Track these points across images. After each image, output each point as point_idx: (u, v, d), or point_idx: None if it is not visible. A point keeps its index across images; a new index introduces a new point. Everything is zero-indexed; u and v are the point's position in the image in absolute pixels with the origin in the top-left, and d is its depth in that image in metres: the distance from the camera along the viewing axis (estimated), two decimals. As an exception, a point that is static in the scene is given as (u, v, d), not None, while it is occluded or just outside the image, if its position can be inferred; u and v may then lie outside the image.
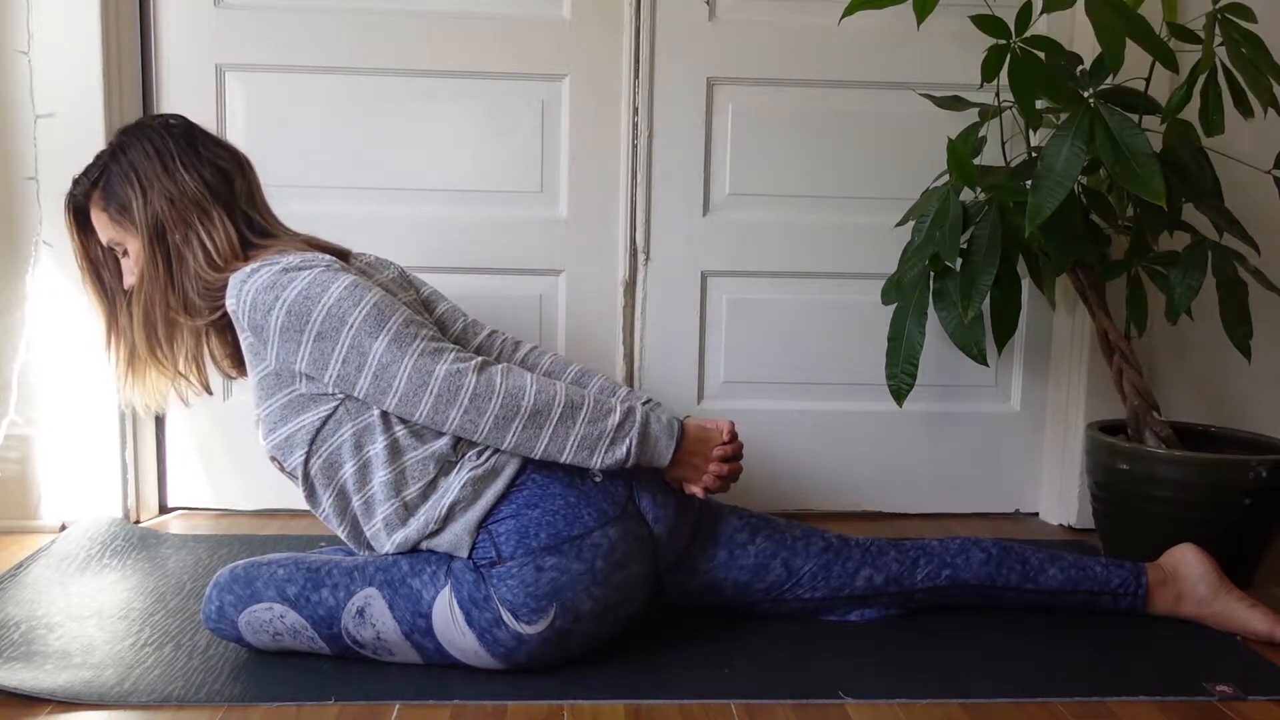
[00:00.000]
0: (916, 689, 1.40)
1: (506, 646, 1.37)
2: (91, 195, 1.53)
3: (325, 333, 1.37)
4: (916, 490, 2.25)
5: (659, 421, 1.43)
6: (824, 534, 1.63)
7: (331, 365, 1.38)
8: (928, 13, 1.72)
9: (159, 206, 1.48)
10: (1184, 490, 1.77)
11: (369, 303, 1.39)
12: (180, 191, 1.49)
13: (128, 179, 1.49)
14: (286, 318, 1.38)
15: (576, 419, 1.38)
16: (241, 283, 1.41)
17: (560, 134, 2.12)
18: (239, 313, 1.42)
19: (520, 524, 1.39)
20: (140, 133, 1.53)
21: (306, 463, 1.43)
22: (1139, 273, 1.89)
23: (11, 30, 1.91)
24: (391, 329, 1.38)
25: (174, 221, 1.48)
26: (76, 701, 1.31)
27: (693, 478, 1.47)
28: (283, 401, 1.43)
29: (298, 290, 1.38)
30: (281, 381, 1.42)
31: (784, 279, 2.18)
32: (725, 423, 1.49)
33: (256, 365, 1.44)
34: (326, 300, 1.38)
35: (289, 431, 1.43)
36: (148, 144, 1.51)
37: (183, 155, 1.51)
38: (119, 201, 1.50)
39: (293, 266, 1.41)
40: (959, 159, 1.77)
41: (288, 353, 1.39)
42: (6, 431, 1.98)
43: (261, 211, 1.57)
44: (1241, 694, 1.40)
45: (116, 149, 1.53)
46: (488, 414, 1.36)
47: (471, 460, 1.42)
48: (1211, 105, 1.79)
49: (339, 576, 1.42)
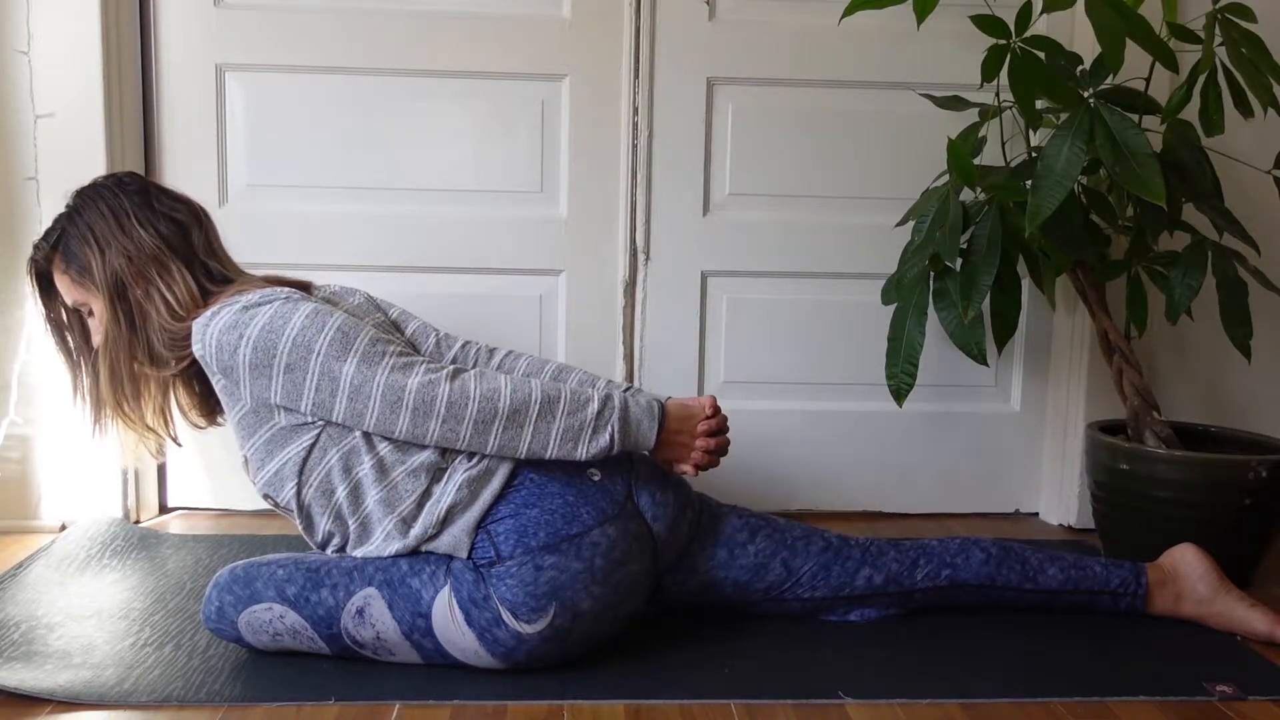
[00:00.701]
0: (916, 689, 1.40)
1: (506, 646, 1.37)
2: (53, 259, 1.54)
3: (294, 364, 1.38)
4: (916, 490, 2.25)
5: (638, 405, 1.44)
6: (824, 534, 1.63)
7: (306, 395, 1.39)
8: (928, 13, 1.72)
9: (117, 264, 1.49)
10: (1184, 490, 1.77)
11: (332, 327, 1.40)
12: (137, 248, 1.50)
13: (85, 240, 1.51)
14: (253, 354, 1.39)
15: (555, 413, 1.39)
16: (204, 327, 1.43)
17: (560, 134, 2.12)
18: (206, 357, 1.43)
19: (519, 523, 1.39)
20: (95, 193, 1.54)
21: (299, 494, 1.44)
22: (1139, 273, 1.89)
23: (11, 30, 1.91)
24: (358, 350, 1.39)
25: (133, 278, 1.49)
26: (76, 701, 1.31)
27: (682, 456, 1.48)
28: (265, 438, 1.44)
29: (260, 325, 1.39)
30: (260, 418, 1.43)
31: (784, 279, 2.18)
32: (707, 398, 1.50)
33: (234, 406, 1.45)
34: (290, 331, 1.39)
35: (276, 466, 1.44)
36: (102, 204, 1.53)
37: (138, 212, 1.52)
38: (79, 263, 1.51)
39: (252, 304, 1.42)
40: (959, 159, 1.77)
41: (260, 389, 1.40)
42: (6, 431, 1.98)
43: (220, 259, 1.58)
44: (1241, 694, 1.40)
45: (73, 211, 1.54)
46: (465, 421, 1.37)
47: (464, 464, 1.42)
48: (1211, 105, 1.79)
49: (338, 576, 1.42)
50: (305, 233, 2.08)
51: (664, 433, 1.45)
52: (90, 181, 1.58)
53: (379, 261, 2.09)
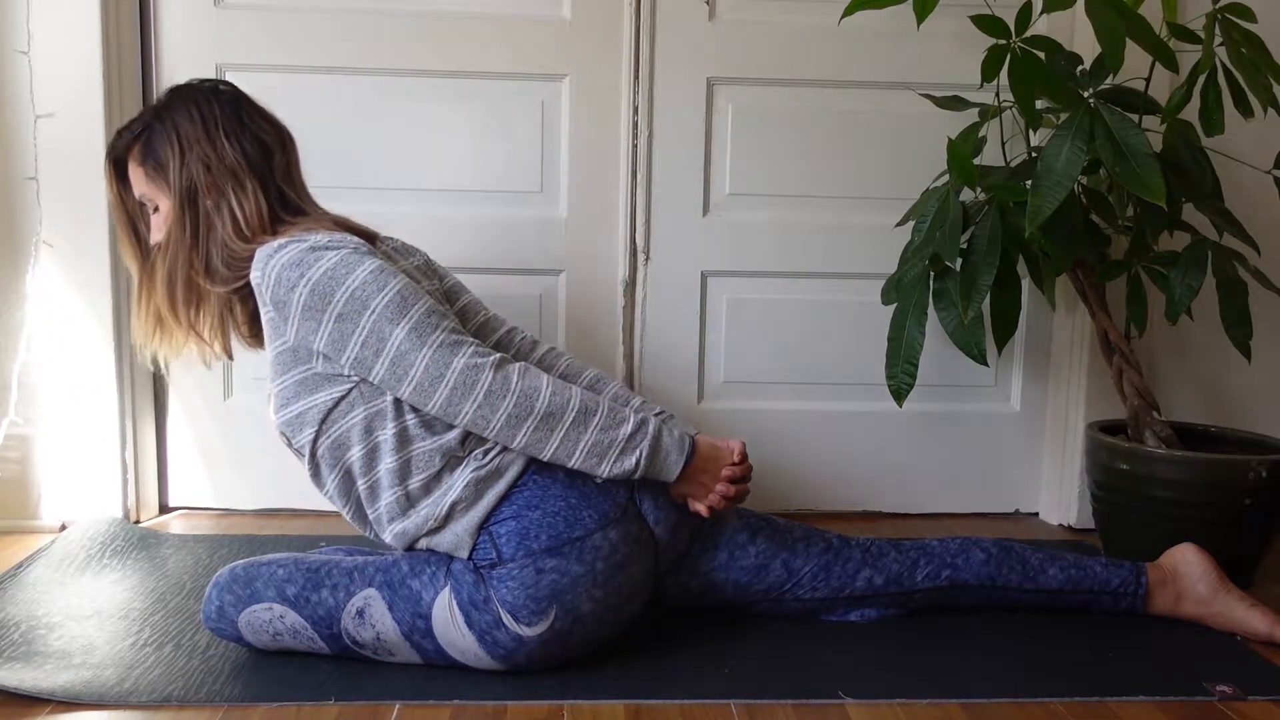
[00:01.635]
0: (916, 689, 1.40)
1: (506, 648, 1.37)
2: (132, 149, 1.52)
3: (347, 314, 1.37)
4: (916, 490, 2.25)
5: (671, 436, 1.42)
6: (824, 534, 1.63)
7: (350, 347, 1.37)
8: (928, 13, 1.72)
9: (195, 170, 1.47)
10: (1184, 490, 1.77)
11: (393, 289, 1.38)
12: (218, 159, 1.48)
13: (168, 139, 1.49)
14: (310, 296, 1.37)
15: (589, 425, 1.38)
16: (268, 257, 1.41)
17: (560, 134, 2.12)
18: (262, 286, 1.41)
19: (521, 525, 1.39)
20: (188, 94, 1.52)
21: (315, 441, 1.43)
22: (1139, 273, 1.89)
23: (11, 30, 1.91)
24: (413, 317, 1.37)
25: (207, 187, 1.47)
26: (76, 701, 1.31)
27: (698, 495, 1.45)
28: (297, 379, 1.42)
29: (323, 270, 1.38)
30: (298, 359, 1.42)
31: (784, 279, 2.18)
32: (737, 443, 1.47)
33: (275, 340, 1.43)
34: (351, 282, 1.37)
35: (300, 409, 1.42)
36: (194, 107, 1.50)
37: (226, 123, 1.50)
38: (156, 159, 1.49)
39: (320, 245, 1.41)
40: (959, 159, 1.77)
41: (307, 331, 1.39)
42: (6, 431, 1.98)
43: (296, 189, 1.56)
44: (1241, 694, 1.40)
45: (162, 108, 1.52)
46: (501, 411, 1.36)
47: (476, 459, 1.42)
48: (1211, 105, 1.79)
49: (339, 577, 1.42)
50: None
51: (688, 469, 1.42)
52: (186, 81, 1.56)
53: (379, 261, 2.09)
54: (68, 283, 1.96)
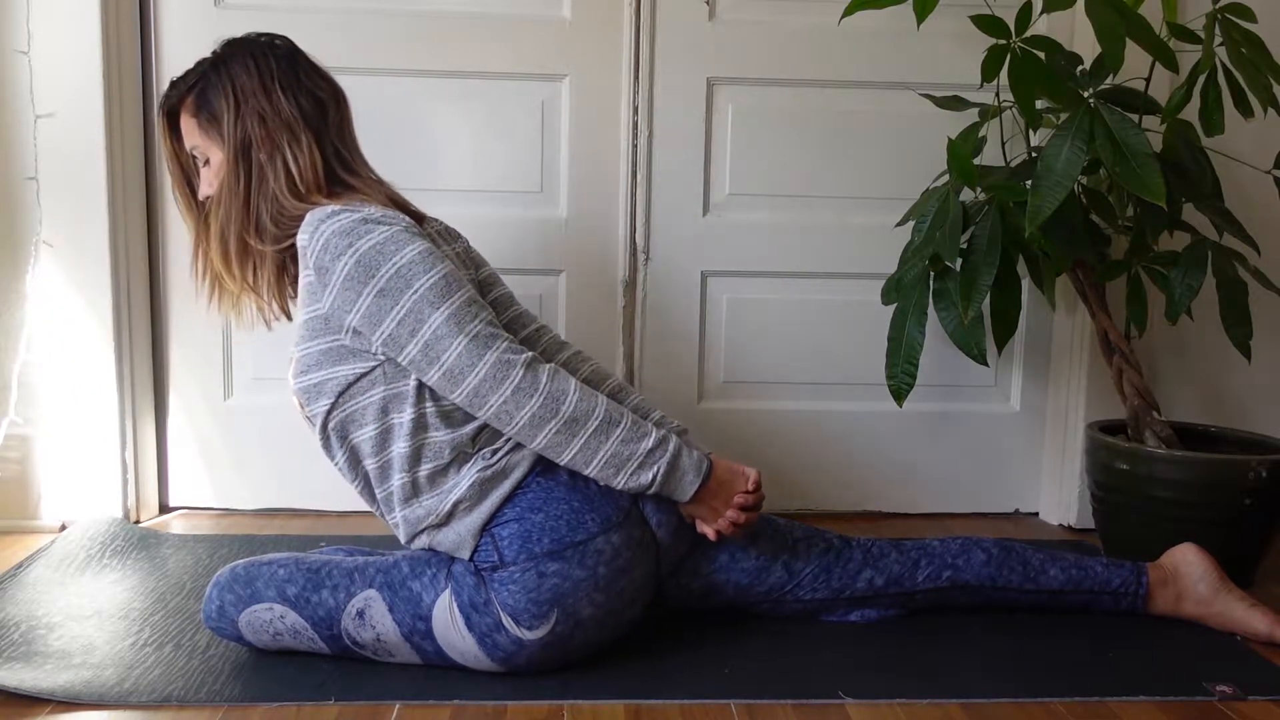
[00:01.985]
0: (916, 689, 1.40)
1: (506, 651, 1.37)
2: (185, 100, 1.51)
3: (389, 290, 1.36)
4: (916, 490, 2.25)
5: (690, 456, 1.41)
6: (825, 535, 1.63)
7: (386, 323, 1.37)
8: (928, 13, 1.72)
9: (250, 123, 1.47)
10: (1184, 490, 1.77)
11: (438, 273, 1.38)
12: (275, 111, 1.47)
13: (224, 90, 1.48)
14: (355, 266, 1.36)
15: (611, 435, 1.37)
16: (320, 221, 1.40)
17: (560, 134, 2.12)
18: (309, 249, 1.40)
19: (523, 528, 1.38)
20: (244, 47, 1.52)
21: (328, 413, 1.42)
22: (1139, 273, 1.89)
23: (11, 30, 1.91)
24: (454, 304, 1.37)
25: (261, 140, 1.46)
26: (76, 701, 1.31)
27: (708, 518, 1.45)
28: (323, 347, 1.41)
29: (373, 243, 1.37)
30: (329, 328, 1.41)
31: (784, 279, 2.18)
32: (753, 471, 1.47)
33: (309, 304, 1.42)
34: (399, 260, 1.37)
35: (320, 378, 1.42)
36: (250, 60, 1.50)
37: (283, 77, 1.50)
38: (210, 111, 1.48)
39: (373, 218, 1.40)
40: (959, 159, 1.77)
41: (345, 301, 1.38)
42: (6, 431, 1.98)
43: (349, 147, 1.56)
44: (1241, 694, 1.40)
45: (219, 60, 1.51)
46: (526, 409, 1.35)
47: (484, 458, 1.41)
48: (1211, 105, 1.79)
49: (339, 577, 1.42)
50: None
51: (703, 491, 1.42)
52: (242, 35, 1.55)
53: (379, 261, 2.09)
54: (68, 283, 1.96)
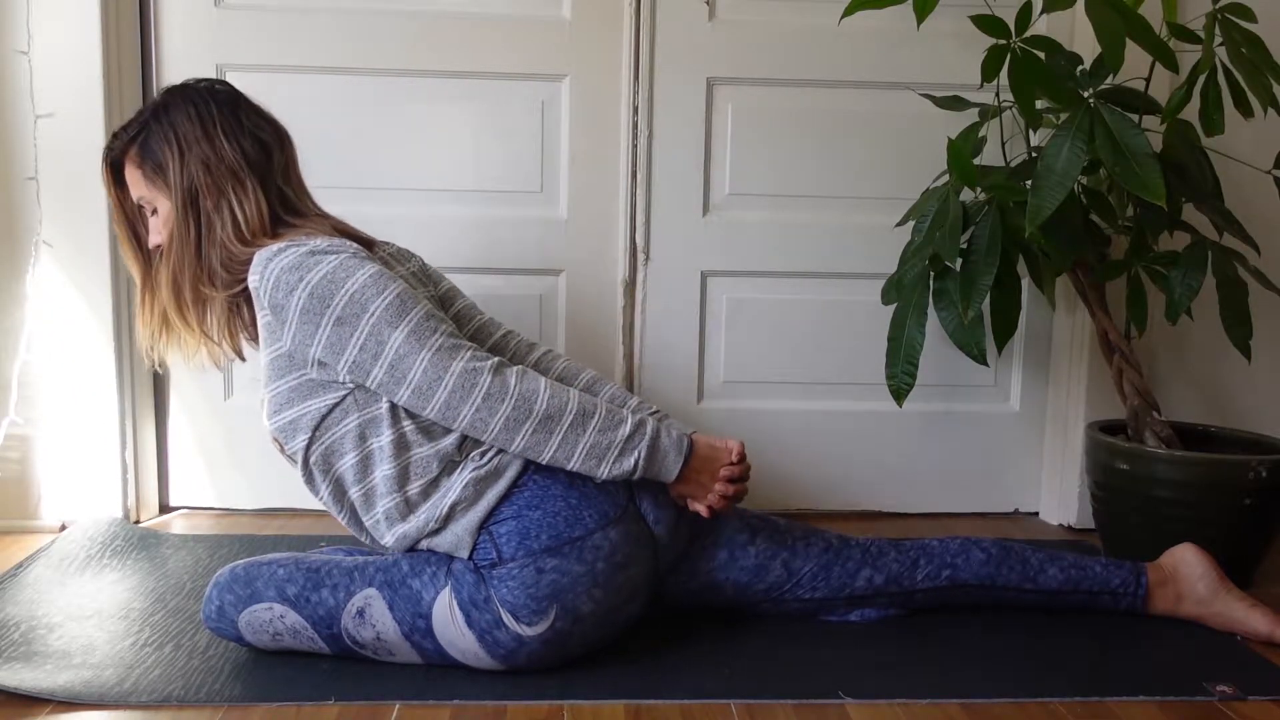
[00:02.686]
0: (916, 689, 1.40)
1: (506, 648, 1.37)
2: (128, 151, 1.51)
3: (346, 318, 1.37)
4: (916, 490, 2.25)
5: (669, 436, 1.42)
6: (824, 534, 1.63)
7: (348, 351, 1.37)
8: (928, 13, 1.72)
9: (195, 171, 1.47)
10: (1184, 490, 1.77)
11: (392, 293, 1.38)
12: (218, 159, 1.47)
13: (166, 139, 1.48)
14: (309, 299, 1.37)
15: (587, 427, 1.38)
16: (267, 260, 1.40)
17: (560, 134, 2.12)
18: (260, 290, 1.40)
19: (521, 525, 1.39)
20: (184, 94, 1.52)
21: (308, 448, 1.43)
22: (1139, 273, 1.88)
23: (11, 30, 1.91)
24: (412, 321, 1.37)
25: (207, 188, 1.46)
26: (76, 701, 1.31)
27: (698, 495, 1.46)
28: (292, 384, 1.42)
29: (322, 273, 1.38)
30: (293, 364, 1.41)
31: (784, 279, 2.18)
32: (735, 442, 1.47)
33: (271, 345, 1.43)
34: (350, 286, 1.37)
35: (294, 415, 1.42)
36: (190, 106, 1.50)
37: (224, 122, 1.50)
38: (155, 161, 1.48)
39: (319, 250, 1.40)
40: (959, 159, 1.77)
41: (305, 335, 1.38)
42: (6, 431, 1.98)
43: (295, 188, 1.56)
44: (1241, 694, 1.40)
45: (159, 108, 1.51)
46: (499, 414, 1.36)
47: (475, 460, 1.42)
48: (1211, 105, 1.78)
49: (339, 577, 1.42)
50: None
51: (687, 469, 1.43)
52: (181, 81, 1.55)
53: (379, 261, 2.09)
54: (68, 283, 1.96)
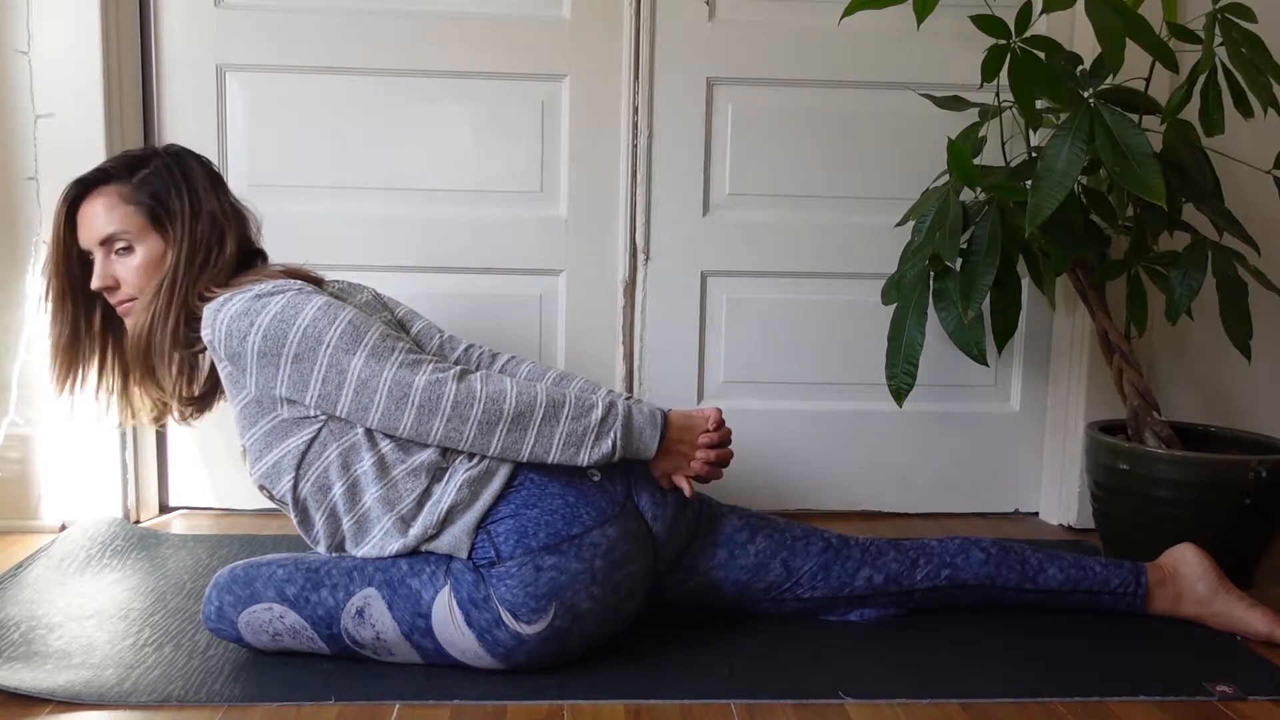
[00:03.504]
0: (916, 689, 1.40)
1: (506, 646, 1.37)
2: (116, 184, 1.50)
3: (303, 354, 1.38)
4: (916, 490, 2.25)
5: (641, 413, 1.44)
6: (824, 534, 1.63)
7: (312, 386, 1.38)
8: (928, 13, 1.72)
9: (204, 226, 1.50)
10: (1184, 490, 1.77)
11: (344, 320, 1.39)
12: (223, 216, 1.52)
13: (179, 186, 1.51)
14: (263, 342, 1.38)
15: (560, 418, 1.39)
16: (215, 312, 1.42)
17: (560, 134, 2.12)
18: (215, 342, 1.42)
19: (519, 524, 1.39)
20: (192, 155, 1.57)
21: (295, 487, 1.43)
22: (1139, 273, 1.89)
23: (11, 30, 1.91)
24: (368, 344, 1.38)
25: (206, 244, 1.49)
26: (76, 701, 1.31)
27: (681, 466, 1.47)
28: (266, 429, 1.43)
29: (271, 314, 1.39)
30: (263, 409, 1.43)
31: (784, 279, 2.18)
32: (711, 410, 1.50)
33: (237, 394, 1.45)
34: (301, 321, 1.38)
35: (275, 458, 1.43)
36: (197, 163, 1.55)
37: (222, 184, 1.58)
38: (163, 203, 1.50)
39: (265, 292, 1.42)
40: (959, 159, 1.77)
41: (267, 378, 1.40)
42: (6, 431, 1.98)
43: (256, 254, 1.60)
44: (1241, 694, 1.40)
45: (172, 155, 1.54)
46: (470, 421, 1.36)
47: (465, 463, 1.42)
48: (1211, 105, 1.79)
49: (338, 577, 1.42)
50: (305, 233, 2.07)
51: (665, 442, 1.45)
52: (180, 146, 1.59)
53: (379, 261, 2.09)
54: (68, 283, 1.96)
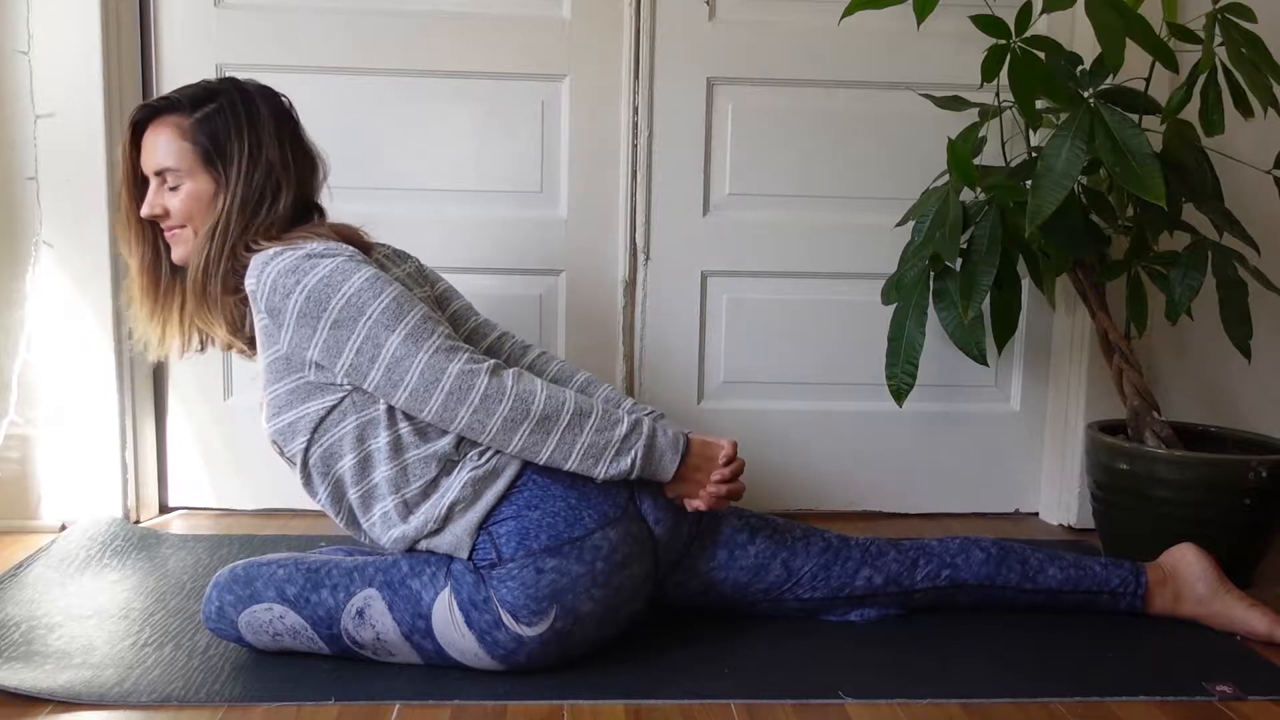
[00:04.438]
0: (916, 689, 1.40)
1: (506, 648, 1.37)
2: (178, 117, 1.49)
3: (342, 321, 1.37)
4: (916, 490, 2.25)
5: (665, 435, 1.43)
6: (824, 534, 1.63)
7: (345, 354, 1.37)
8: (928, 13, 1.72)
9: (260, 174, 1.47)
10: (1184, 490, 1.77)
11: (389, 296, 1.38)
12: (283, 166, 1.49)
13: (238, 130, 1.48)
14: (305, 303, 1.37)
15: (584, 427, 1.38)
16: (264, 264, 1.41)
17: (560, 134, 2.12)
18: (258, 293, 1.41)
19: (521, 525, 1.39)
20: (263, 93, 1.53)
21: (306, 450, 1.43)
22: (1139, 273, 1.89)
23: (11, 30, 1.91)
24: (409, 324, 1.38)
25: (260, 192, 1.47)
26: (76, 701, 1.31)
27: (693, 493, 1.46)
28: (289, 387, 1.42)
29: (319, 276, 1.38)
30: (291, 367, 1.42)
31: (784, 279, 2.18)
32: (728, 441, 1.48)
33: (268, 348, 1.43)
34: (347, 289, 1.38)
35: (292, 418, 1.43)
36: (269, 105, 1.52)
37: (294, 131, 1.54)
38: (219, 144, 1.48)
39: (316, 253, 1.41)
40: (959, 159, 1.77)
41: (302, 338, 1.39)
42: (6, 431, 1.98)
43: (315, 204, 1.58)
44: (1241, 694, 1.40)
45: (237, 95, 1.50)
46: (497, 415, 1.36)
47: (473, 460, 1.42)
48: (1211, 105, 1.79)
49: (339, 577, 1.42)
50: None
51: (683, 468, 1.44)
52: (257, 83, 1.55)
53: (379, 261, 2.09)
54: (68, 282, 1.96)
